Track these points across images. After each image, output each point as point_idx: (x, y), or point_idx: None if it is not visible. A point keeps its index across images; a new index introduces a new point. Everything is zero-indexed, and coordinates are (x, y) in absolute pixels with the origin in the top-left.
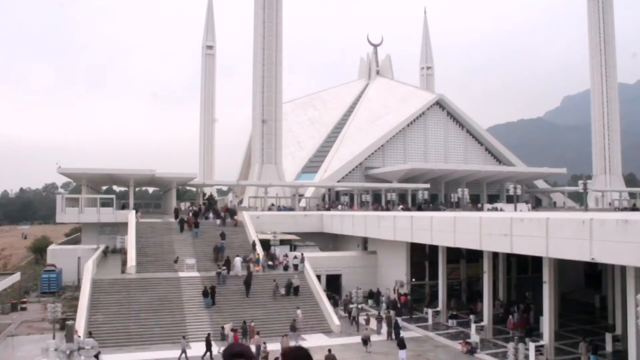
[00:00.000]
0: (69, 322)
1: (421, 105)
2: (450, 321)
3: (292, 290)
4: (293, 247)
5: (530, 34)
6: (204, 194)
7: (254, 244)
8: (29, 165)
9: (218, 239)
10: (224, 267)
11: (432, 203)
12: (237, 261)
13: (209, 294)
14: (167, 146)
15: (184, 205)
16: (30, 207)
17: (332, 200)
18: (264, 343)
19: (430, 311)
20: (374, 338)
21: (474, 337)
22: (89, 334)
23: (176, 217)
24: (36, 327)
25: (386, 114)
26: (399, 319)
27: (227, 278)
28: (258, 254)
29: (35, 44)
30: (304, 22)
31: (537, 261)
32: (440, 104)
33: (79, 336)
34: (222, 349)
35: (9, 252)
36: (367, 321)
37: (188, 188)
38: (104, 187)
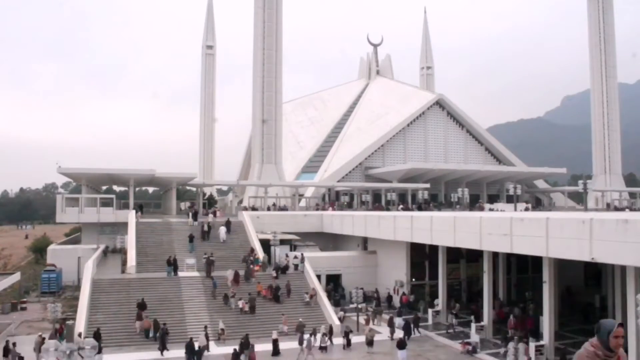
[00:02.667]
0: (69, 322)
1: (421, 105)
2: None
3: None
4: (293, 247)
5: (530, 34)
6: (204, 194)
7: (252, 250)
8: (29, 165)
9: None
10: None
11: (432, 202)
12: (222, 230)
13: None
14: (169, 146)
15: (184, 205)
16: (30, 207)
17: (331, 200)
18: None
19: (430, 311)
20: (376, 338)
21: (474, 337)
22: (94, 335)
23: (195, 218)
24: (36, 327)
25: (386, 114)
26: (400, 319)
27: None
28: (257, 254)
29: (37, 44)
30: (303, 22)
31: (537, 261)
32: (440, 104)
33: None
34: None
35: (9, 252)
36: (367, 321)
37: (188, 188)
38: (104, 187)
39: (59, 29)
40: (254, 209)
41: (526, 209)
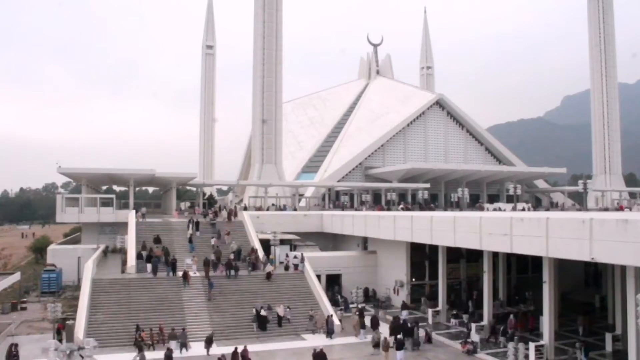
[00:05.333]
0: (69, 322)
1: (421, 105)
2: (451, 320)
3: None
4: (293, 247)
5: (531, 34)
6: (204, 194)
7: (252, 249)
8: (29, 165)
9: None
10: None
11: (433, 203)
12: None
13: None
14: (170, 146)
15: (183, 205)
16: (30, 207)
17: (332, 199)
18: None
19: (430, 311)
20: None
21: (474, 337)
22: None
23: (197, 228)
24: (36, 327)
25: (386, 114)
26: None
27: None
28: (272, 255)
29: (39, 45)
30: (304, 22)
31: (537, 261)
32: (440, 104)
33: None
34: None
35: (9, 252)
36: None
37: (188, 188)
38: (104, 187)
39: (63, 30)
40: (258, 209)
41: (523, 209)
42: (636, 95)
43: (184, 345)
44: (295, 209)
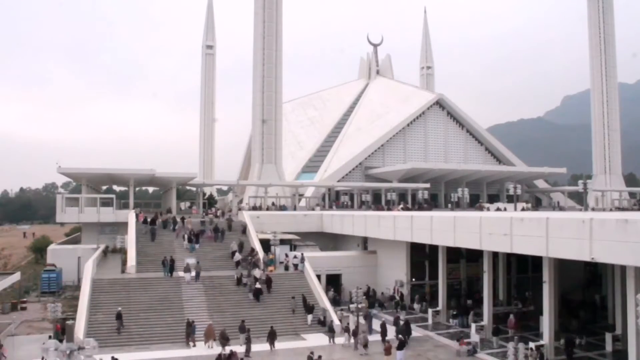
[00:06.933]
0: (69, 322)
1: (421, 105)
2: (450, 321)
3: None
4: (293, 247)
5: (531, 34)
6: (204, 194)
7: (252, 250)
8: (29, 165)
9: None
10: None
11: (433, 202)
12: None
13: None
14: (171, 146)
15: (183, 205)
16: (30, 207)
17: (332, 200)
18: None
19: (430, 311)
20: (374, 337)
21: (474, 337)
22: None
23: (197, 240)
24: (36, 327)
25: (386, 114)
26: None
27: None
28: (272, 255)
29: (40, 44)
30: (304, 22)
31: (537, 261)
32: (440, 104)
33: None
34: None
35: (9, 252)
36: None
37: (188, 188)
38: (104, 187)
39: (65, 31)
40: (255, 208)
41: (522, 209)
42: (636, 95)
43: (198, 274)
44: (312, 209)
